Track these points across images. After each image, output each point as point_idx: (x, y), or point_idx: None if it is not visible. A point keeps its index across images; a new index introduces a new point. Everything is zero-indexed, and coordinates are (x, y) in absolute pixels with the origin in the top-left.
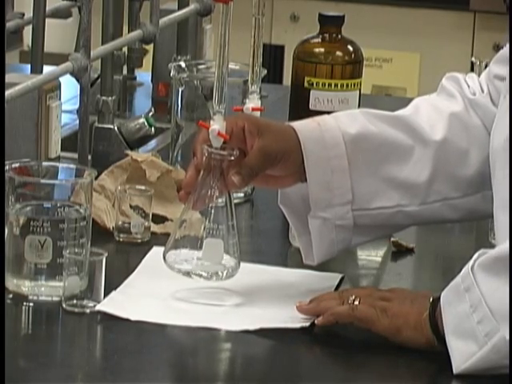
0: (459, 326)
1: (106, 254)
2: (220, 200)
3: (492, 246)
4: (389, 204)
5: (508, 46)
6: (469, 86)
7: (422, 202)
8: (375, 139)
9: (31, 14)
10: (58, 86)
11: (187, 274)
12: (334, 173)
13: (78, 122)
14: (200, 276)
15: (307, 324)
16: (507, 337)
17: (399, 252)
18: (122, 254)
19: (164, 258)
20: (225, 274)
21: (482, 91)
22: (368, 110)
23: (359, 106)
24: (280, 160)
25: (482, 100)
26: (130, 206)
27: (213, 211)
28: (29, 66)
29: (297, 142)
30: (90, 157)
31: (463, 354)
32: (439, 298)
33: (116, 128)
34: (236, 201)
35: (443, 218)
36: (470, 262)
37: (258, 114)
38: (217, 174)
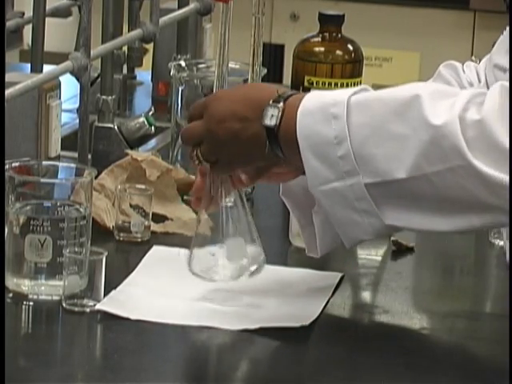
0: (319, 148)
1: (106, 253)
2: (231, 200)
3: (492, 246)
4: None
5: (507, 33)
6: (466, 75)
7: None
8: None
9: (31, 13)
10: (58, 85)
11: (214, 280)
12: None
13: (77, 121)
14: (230, 279)
15: (307, 323)
16: (363, 182)
17: (399, 251)
18: (122, 253)
19: (190, 267)
20: (254, 267)
21: (479, 81)
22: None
23: None
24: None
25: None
26: (130, 205)
27: (228, 212)
28: (29, 65)
29: None
30: (89, 156)
31: (319, 177)
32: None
33: (116, 127)
34: None
35: None
36: (349, 92)
37: None
38: (222, 177)
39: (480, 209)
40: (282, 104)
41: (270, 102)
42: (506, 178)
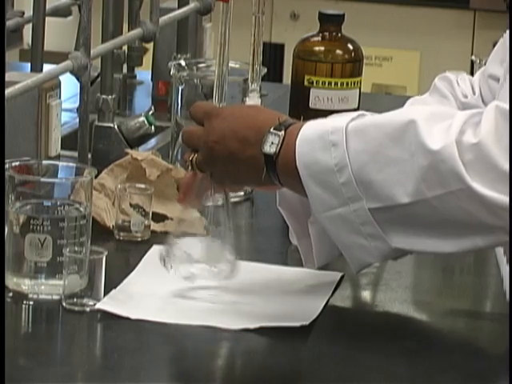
0: (321, 176)
1: (106, 253)
2: (219, 200)
3: None
4: None
5: (501, 41)
6: (460, 88)
7: None
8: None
9: (31, 13)
10: (58, 85)
11: (187, 277)
12: None
13: (77, 120)
14: (200, 278)
15: (307, 323)
16: (367, 207)
17: None
18: (122, 253)
19: (163, 259)
20: (225, 274)
21: (474, 93)
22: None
23: (359, 104)
24: None
25: (474, 103)
26: (130, 205)
27: (212, 212)
28: (29, 65)
29: None
30: (90, 155)
31: (323, 204)
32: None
33: (116, 126)
34: (236, 199)
35: None
36: (347, 119)
37: None
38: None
39: (483, 230)
40: (282, 132)
41: (271, 129)
42: (506, 199)
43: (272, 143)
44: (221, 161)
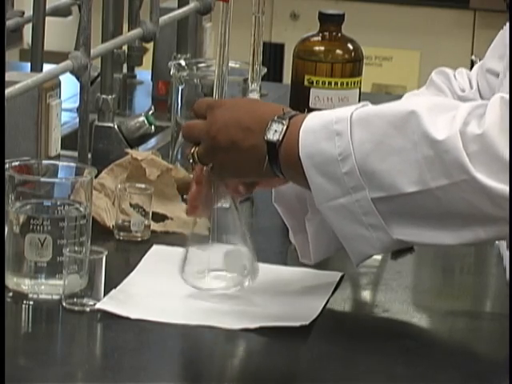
0: (324, 166)
1: (106, 253)
2: (226, 205)
3: (492, 244)
4: None
5: (500, 36)
6: (457, 81)
7: None
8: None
9: (31, 12)
10: (58, 85)
11: (209, 290)
12: None
13: (77, 120)
14: (224, 289)
15: (307, 323)
16: (369, 196)
17: (399, 250)
18: (122, 253)
19: (183, 272)
20: (248, 280)
21: (471, 87)
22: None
23: None
24: None
25: (471, 97)
26: (130, 205)
27: (222, 215)
28: (29, 65)
29: None
30: (90, 155)
31: (326, 194)
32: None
33: (116, 126)
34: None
35: None
36: (351, 109)
37: None
38: (218, 185)
39: (486, 221)
40: (286, 121)
41: (275, 117)
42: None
43: (275, 131)
44: (223, 150)
